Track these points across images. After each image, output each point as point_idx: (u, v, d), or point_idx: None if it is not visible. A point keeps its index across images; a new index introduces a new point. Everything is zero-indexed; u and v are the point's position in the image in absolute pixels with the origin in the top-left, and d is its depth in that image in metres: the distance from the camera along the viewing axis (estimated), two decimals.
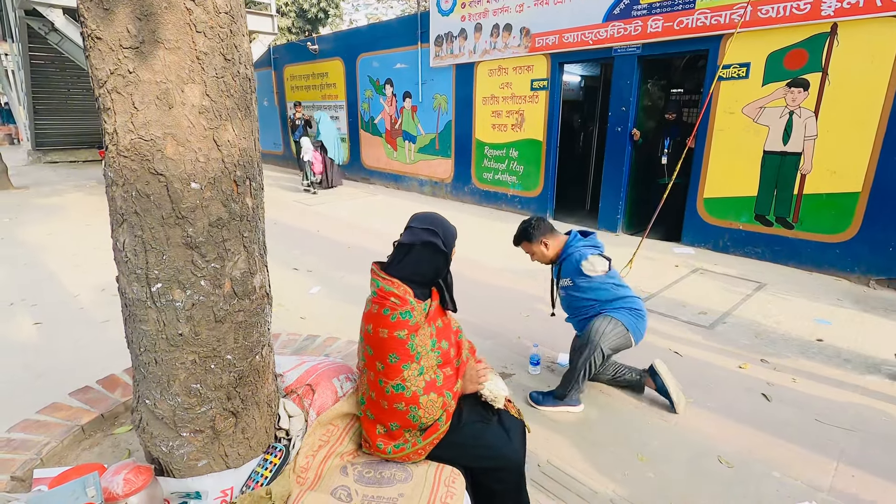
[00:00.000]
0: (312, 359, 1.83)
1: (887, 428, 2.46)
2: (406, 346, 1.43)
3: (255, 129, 1.27)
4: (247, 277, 1.28)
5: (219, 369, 1.29)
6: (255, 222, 1.29)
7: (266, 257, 1.39)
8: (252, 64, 1.24)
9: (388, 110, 9.36)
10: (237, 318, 1.28)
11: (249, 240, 1.27)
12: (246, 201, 1.24)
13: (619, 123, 6.00)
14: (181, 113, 1.08)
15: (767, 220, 5.00)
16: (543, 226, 2.59)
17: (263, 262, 1.37)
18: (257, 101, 1.27)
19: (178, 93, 1.07)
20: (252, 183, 1.25)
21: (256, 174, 1.28)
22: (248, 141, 1.23)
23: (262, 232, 1.35)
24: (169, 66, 1.05)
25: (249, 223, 1.26)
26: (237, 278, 1.25)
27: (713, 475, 2.15)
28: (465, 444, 1.53)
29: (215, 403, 1.32)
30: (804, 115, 4.60)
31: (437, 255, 1.51)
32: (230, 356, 1.30)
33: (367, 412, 1.54)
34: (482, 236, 6.21)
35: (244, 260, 1.26)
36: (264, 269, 1.37)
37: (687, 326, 3.61)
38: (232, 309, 1.26)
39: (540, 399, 2.59)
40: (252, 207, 1.27)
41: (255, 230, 1.29)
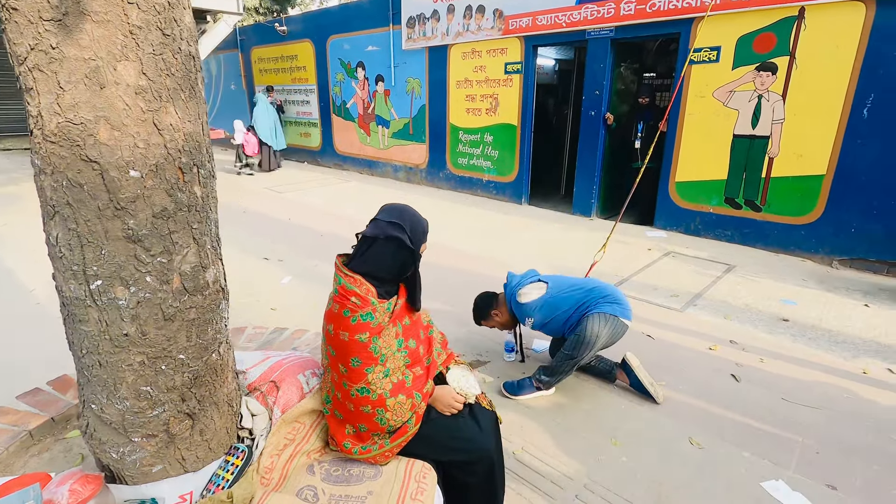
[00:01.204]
0: (277, 354, 1.76)
1: (850, 405, 2.53)
2: (368, 350, 1.37)
3: (203, 111, 1.17)
4: (198, 272, 1.19)
5: (171, 370, 1.21)
6: (206, 213, 1.20)
7: (220, 250, 1.31)
8: (196, 40, 1.14)
9: (361, 94, 9.14)
10: (189, 316, 1.20)
11: (199, 231, 1.18)
12: (194, 190, 1.15)
13: (593, 107, 5.99)
14: (115, 93, 0.98)
15: (737, 203, 5.08)
16: (486, 302, 2.72)
17: (217, 255, 1.28)
18: (205, 81, 1.17)
19: (111, 71, 0.97)
20: (200, 170, 1.16)
21: (205, 161, 1.18)
22: (194, 125, 1.13)
23: (215, 223, 1.26)
24: (98, 41, 0.95)
25: (199, 214, 1.17)
26: (187, 273, 1.17)
27: (685, 457, 2.17)
28: (437, 438, 1.49)
29: (168, 406, 1.24)
30: (772, 99, 4.66)
31: (402, 250, 1.43)
32: (183, 356, 1.22)
33: (334, 412, 1.48)
34: (457, 222, 6.16)
35: (194, 253, 1.17)
36: (218, 263, 1.29)
37: (659, 309, 3.65)
38: (182, 306, 1.18)
39: (515, 388, 2.57)
40: (201, 197, 1.18)
41: (206, 221, 1.20)
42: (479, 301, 2.76)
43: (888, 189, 4.22)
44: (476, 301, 2.77)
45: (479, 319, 2.78)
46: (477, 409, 1.60)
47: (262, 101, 9.63)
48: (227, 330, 1.38)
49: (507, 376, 2.78)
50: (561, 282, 2.62)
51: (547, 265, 4.53)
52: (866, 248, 4.42)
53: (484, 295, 2.77)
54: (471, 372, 1.66)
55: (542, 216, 6.51)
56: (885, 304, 3.75)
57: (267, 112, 9.60)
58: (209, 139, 1.21)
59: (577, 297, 2.51)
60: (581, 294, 2.53)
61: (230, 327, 2.30)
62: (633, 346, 3.08)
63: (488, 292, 2.78)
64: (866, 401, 2.57)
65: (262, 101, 9.61)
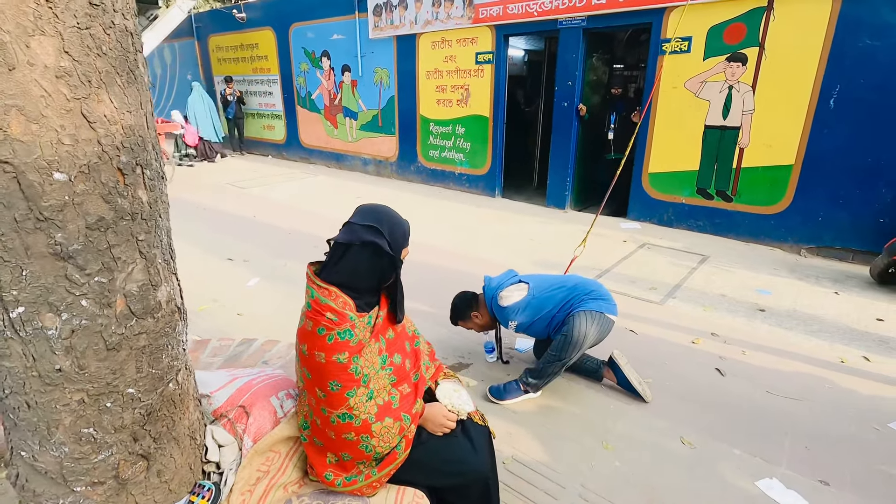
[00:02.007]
0: (246, 373, 1.58)
1: (831, 396, 2.54)
2: (348, 371, 1.21)
3: (147, 100, 0.98)
4: (147, 291, 1.01)
5: (118, 407, 1.03)
6: (155, 221, 1.02)
7: (175, 263, 1.13)
8: (135, 14, 0.95)
9: (326, 85, 8.82)
10: (138, 343, 1.02)
11: (147, 243, 1.00)
12: (138, 194, 0.96)
13: (566, 98, 5.92)
14: (28, 77, 0.79)
15: (708, 193, 5.12)
16: (465, 302, 2.59)
17: (170, 270, 1.10)
18: (147, 65, 0.98)
19: (22, 48, 0.78)
20: (145, 171, 0.98)
21: (151, 159, 1.00)
22: (136, 116, 0.94)
23: (167, 232, 1.08)
24: (2, 11, 0.76)
25: (146, 222, 0.99)
26: (133, 293, 0.99)
27: (677, 458, 2.12)
28: (429, 462, 1.35)
29: (117, 448, 1.06)
30: (742, 90, 4.69)
31: (380, 258, 1.27)
32: (132, 390, 1.04)
33: (312, 438, 1.32)
34: (431, 217, 6.00)
35: (141, 270, 0.99)
36: (172, 279, 1.11)
37: (639, 303, 3.62)
38: (129, 332, 0.99)
39: (501, 392, 2.46)
40: (148, 202, 0.99)
41: (155, 231, 1.02)
42: (457, 302, 2.62)
43: (853, 178, 4.32)
44: (455, 301, 2.63)
45: (456, 320, 2.65)
46: (470, 426, 1.47)
47: (197, 89, 9.53)
48: (186, 354, 1.20)
49: (491, 379, 2.67)
50: (542, 281, 2.52)
51: (525, 260, 4.45)
52: (833, 237, 4.52)
53: (463, 295, 2.63)
54: (462, 386, 1.53)
55: (516, 209, 6.42)
56: (854, 292, 3.83)
57: (202, 101, 9.48)
58: (156, 134, 1.02)
59: (561, 296, 2.42)
60: (564, 292, 2.43)
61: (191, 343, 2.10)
62: (617, 342, 3.02)
63: (467, 292, 2.65)
64: (846, 390, 2.59)
65: (196, 90, 9.50)
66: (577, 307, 2.37)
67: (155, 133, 1.02)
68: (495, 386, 2.51)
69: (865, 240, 4.35)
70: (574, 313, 2.34)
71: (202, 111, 9.48)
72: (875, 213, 4.27)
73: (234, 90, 10.06)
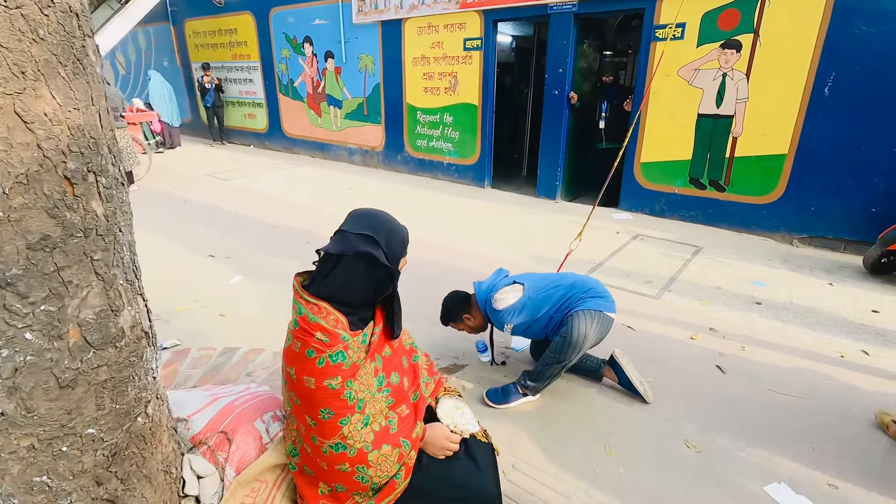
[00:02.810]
0: (227, 391, 1.44)
1: (834, 392, 2.50)
2: (342, 398, 1.09)
3: (99, 94, 0.83)
4: (106, 318, 0.87)
5: (77, 451, 0.89)
6: (113, 236, 0.87)
7: (140, 282, 0.99)
8: None
9: (309, 72, 8.54)
10: (97, 378, 0.88)
11: (104, 263, 0.85)
12: (91, 207, 0.82)
13: (557, 86, 5.79)
14: None
15: (701, 183, 5.06)
16: (457, 303, 2.47)
17: (135, 291, 0.96)
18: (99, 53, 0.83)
19: None
20: (100, 178, 0.83)
21: (107, 165, 0.85)
22: (86, 114, 0.80)
23: (130, 247, 0.94)
24: None
25: (102, 239, 0.85)
26: (89, 322, 0.85)
27: (683, 463, 2.05)
28: (431, 489, 1.24)
29: (78, 495, 0.93)
30: (736, 78, 4.61)
31: (376, 270, 1.14)
32: (93, 430, 0.90)
33: (303, 467, 1.20)
34: (419, 208, 5.86)
35: (98, 294, 0.85)
36: (137, 301, 0.97)
37: (635, 297, 3.54)
38: (86, 366, 0.86)
39: (500, 397, 2.36)
40: (104, 215, 0.85)
41: (115, 248, 0.88)
42: (449, 303, 2.50)
43: (846, 167, 4.28)
44: (446, 302, 2.51)
45: (447, 322, 2.54)
46: (473, 445, 1.37)
47: (157, 77, 9.48)
48: (157, 382, 1.06)
49: (487, 381, 2.57)
50: (537, 281, 2.41)
51: (517, 253, 4.35)
52: (825, 227, 4.50)
53: (455, 296, 2.51)
54: (464, 402, 1.42)
55: (506, 200, 6.31)
56: (847, 282, 3.81)
57: (163, 86, 9.46)
58: (112, 133, 0.87)
59: (558, 296, 2.32)
60: (562, 291, 2.33)
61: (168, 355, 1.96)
62: (614, 339, 2.94)
63: (460, 293, 2.53)
64: (849, 386, 2.55)
65: (156, 77, 9.45)
66: (575, 307, 2.27)
67: (112, 133, 0.88)
68: (493, 389, 2.41)
69: (857, 229, 4.34)
70: (572, 313, 2.24)
71: (163, 96, 9.45)
72: (868, 203, 4.25)
73: (213, 78, 9.72)
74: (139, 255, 0.99)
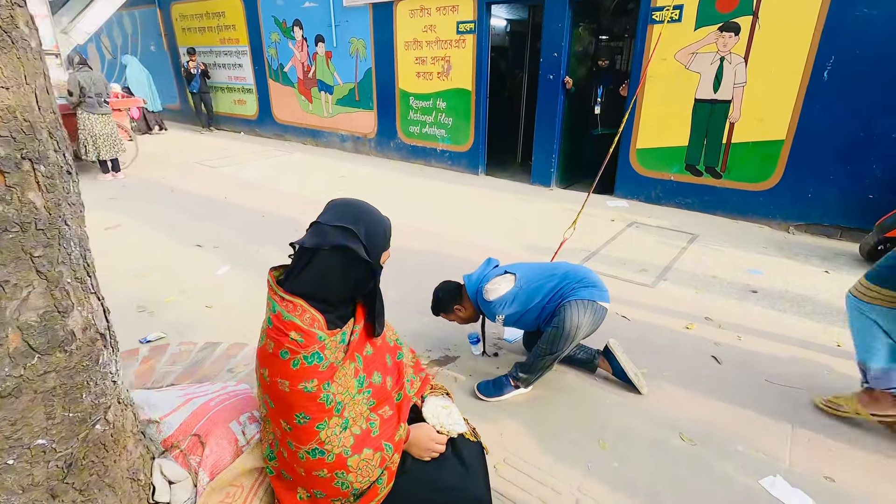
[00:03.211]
0: (203, 390, 1.38)
1: (829, 382, 2.46)
2: (318, 401, 1.02)
3: (36, 72, 0.75)
4: (52, 320, 0.80)
5: (25, 464, 0.82)
6: (57, 230, 0.79)
7: (94, 280, 0.91)
8: None
9: (299, 56, 8.35)
10: (44, 385, 0.81)
11: (47, 260, 0.77)
12: (28, 198, 0.74)
13: (551, 70, 5.67)
14: None
15: (697, 169, 4.99)
16: (448, 293, 2.42)
17: (87, 290, 0.88)
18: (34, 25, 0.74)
19: None
20: (38, 167, 0.75)
21: (48, 151, 0.77)
22: (18, 94, 0.71)
23: (79, 242, 0.85)
24: None
25: (43, 233, 0.76)
26: (32, 325, 0.77)
27: (678, 456, 2.01)
28: (415, 493, 1.18)
29: None
30: (734, 62, 4.52)
31: (355, 265, 1.06)
32: (43, 440, 0.83)
33: (280, 472, 1.13)
34: (412, 196, 5.77)
35: (41, 294, 0.77)
36: (90, 301, 0.89)
37: (630, 286, 3.49)
38: (31, 373, 0.78)
39: (491, 390, 2.31)
40: (45, 207, 0.77)
41: (59, 243, 0.80)
42: (440, 294, 2.44)
43: (844, 154, 4.22)
44: (437, 293, 2.45)
45: (438, 312, 2.49)
46: (461, 444, 1.31)
47: (134, 62, 9.50)
48: (119, 385, 0.99)
49: (479, 373, 2.52)
50: (529, 270, 2.34)
51: (511, 242, 4.28)
52: (821, 214, 4.45)
53: (446, 286, 2.45)
54: (452, 401, 1.36)
55: (500, 187, 6.22)
56: (843, 270, 3.78)
57: (142, 72, 9.46)
58: (55, 116, 0.79)
59: (551, 286, 2.25)
60: (555, 281, 2.27)
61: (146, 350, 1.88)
62: (609, 329, 2.89)
63: (451, 283, 2.47)
64: (845, 376, 2.51)
65: (133, 63, 9.46)
66: (568, 296, 2.21)
67: (55, 116, 0.79)
68: (484, 382, 2.36)
69: (853, 216, 4.29)
70: (565, 303, 2.18)
71: (142, 81, 9.42)
72: (865, 189, 4.20)
73: (198, 63, 9.50)
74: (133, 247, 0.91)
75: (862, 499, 1.81)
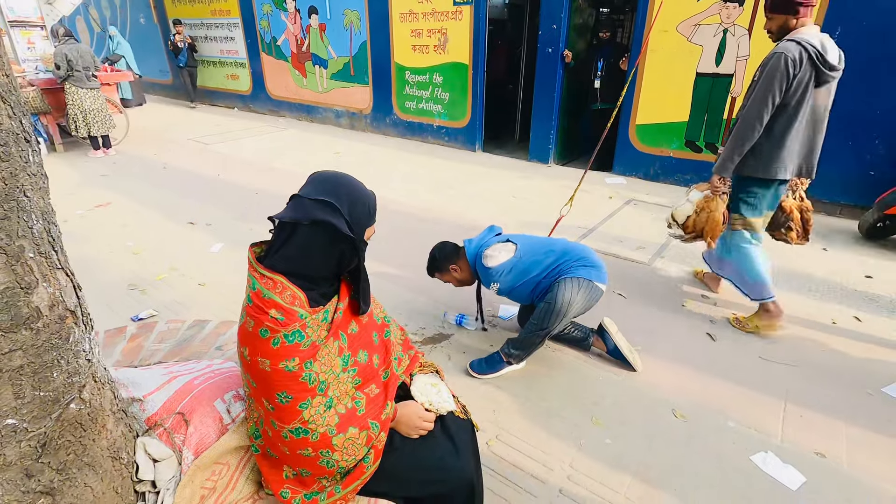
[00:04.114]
0: (188, 369, 1.35)
1: (824, 359, 2.46)
2: (300, 380, 0.99)
3: None
4: (14, 297, 0.76)
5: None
6: (15, 201, 0.75)
7: (61, 255, 0.86)
8: None
9: (293, 29, 8.13)
10: (10, 363, 0.77)
11: (5, 233, 0.73)
12: None
13: (550, 44, 5.53)
14: None
15: (697, 146, 4.92)
16: (445, 253, 2.38)
17: (53, 265, 0.84)
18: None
19: None
20: None
21: (0, 116, 0.72)
22: None
23: (42, 215, 0.81)
24: None
25: (0, 206, 0.72)
26: None
27: (670, 433, 2.01)
28: (403, 471, 1.17)
29: (4, 489, 0.84)
30: (738, 34, 4.40)
31: (337, 240, 1.02)
32: (13, 420, 0.81)
33: (266, 450, 1.12)
34: (408, 172, 5.69)
35: (0, 269, 0.73)
36: (58, 276, 0.85)
37: (627, 264, 3.47)
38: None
39: (484, 367, 2.30)
40: (1, 177, 0.72)
41: (18, 215, 0.75)
42: (437, 252, 2.40)
43: (846, 129, 4.15)
44: (434, 252, 2.41)
45: (433, 272, 2.44)
46: (450, 421, 1.29)
47: (120, 36, 9.28)
48: (94, 364, 0.96)
49: (473, 351, 2.51)
50: (530, 244, 2.31)
51: (508, 219, 4.23)
52: (821, 191, 4.39)
53: (443, 246, 2.41)
54: (441, 379, 1.34)
55: (497, 164, 6.14)
56: (841, 247, 3.75)
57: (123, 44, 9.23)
58: (11, 80, 0.73)
59: (549, 262, 2.22)
60: (553, 258, 2.23)
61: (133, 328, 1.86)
62: (605, 307, 2.88)
63: (448, 243, 2.43)
64: (839, 353, 2.51)
65: (119, 36, 9.24)
66: (564, 274, 2.18)
67: (8, 79, 0.74)
68: (477, 360, 2.35)
69: (853, 193, 4.25)
70: (560, 280, 2.16)
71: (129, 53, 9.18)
72: (866, 166, 4.14)
73: (185, 36, 9.26)
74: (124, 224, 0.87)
75: (851, 473, 1.82)
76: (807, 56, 2.24)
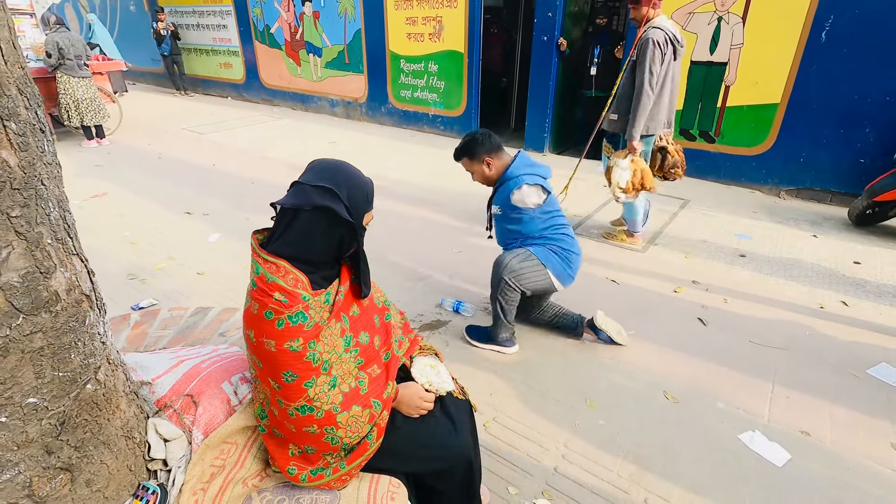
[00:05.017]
0: (194, 353, 1.39)
1: (811, 342, 2.53)
2: (304, 360, 1.04)
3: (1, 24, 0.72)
4: (34, 281, 0.79)
5: (18, 421, 0.84)
6: (34, 190, 0.78)
7: (77, 242, 0.90)
8: None
9: (286, 17, 8.06)
10: (32, 345, 0.81)
11: (25, 220, 0.77)
12: (2, 157, 0.72)
13: (546, 32, 5.52)
14: None
15: (691, 134, 4.95)
16: (490, 143, 2.23)
17: (69, 251, 0.87)
18: None
19: None
20: (8, 124, 0.73)
21: (19, 108, 0.74)
22: None
23: (58, 203, 0.84)
24: None
25: (19, 193, 0.75)
26: (14, 285, 0.77)
27: (662, 414, 2.07)
28: (405, 448, 1.22)
29: (27, 464, 0.88)
30: (732, 22, 4.41)
31: (337, 225, 1.06)
32: (34, 399, 0.85)
33: (272, 429, 1.16)
34: (403, 162, 5.70)
35: (22, 254, 0.77)
36: (73, 262, 0.88)
37: (621, 251, 3.52)
38: (17, 333, 0.79)
39: (474, 334, 2.43)
40: (19, 166, 0.75)
41: (37, 203, 0.79)
42: (480, 137, 2.22)
43: (838, 117, 4.19)
44: (477, 135, 2.23)
45: (464, 154, 2.28)
46: (449, 402, 1.34)
47: (97, 23, 9.29)
48: (108, 346, 1.00)
49: None
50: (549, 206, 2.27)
51: None
52: (812, 178, 4.46)
53: (492, 136, 2.24)
54: (440, 361, 1.39)
55: None
56: (831, 234, 3.82)
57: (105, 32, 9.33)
58: (24, 71, 0.76)
59: (541, 228, 2.27)
60: (549, 231, 2.29)
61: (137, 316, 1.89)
62: (598, 293, 2.95)
63: (497, 137, 2.28)
64: (826, 337, 2.58)
65: (98, 23, 9.27)
66: (529, 245, 2.27)
67: (23, 71, 0.76)
68: (471, 327, 2.46)
69: (844, 181, 4.31)
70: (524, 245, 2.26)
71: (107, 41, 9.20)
72: (857, 154, 4.19)
73: (168, 23, 9.14)
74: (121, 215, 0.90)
75: (833, 451, 1.89)
76: (666, 38, 3.00)
